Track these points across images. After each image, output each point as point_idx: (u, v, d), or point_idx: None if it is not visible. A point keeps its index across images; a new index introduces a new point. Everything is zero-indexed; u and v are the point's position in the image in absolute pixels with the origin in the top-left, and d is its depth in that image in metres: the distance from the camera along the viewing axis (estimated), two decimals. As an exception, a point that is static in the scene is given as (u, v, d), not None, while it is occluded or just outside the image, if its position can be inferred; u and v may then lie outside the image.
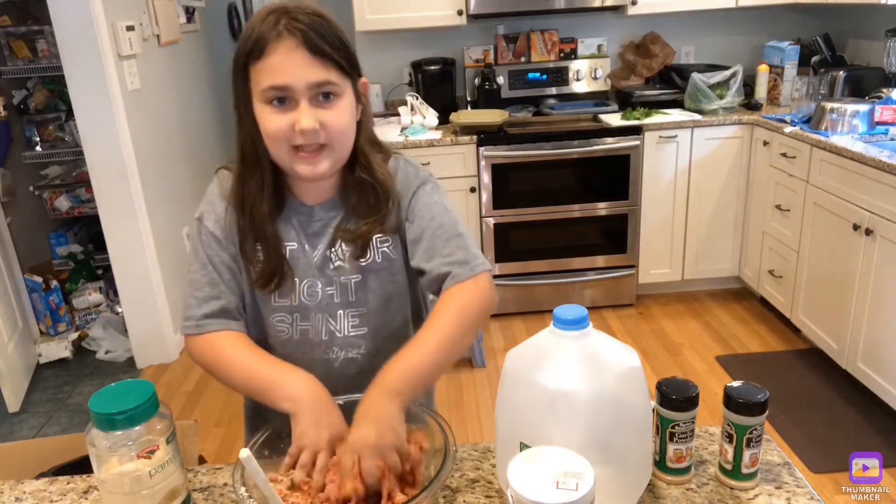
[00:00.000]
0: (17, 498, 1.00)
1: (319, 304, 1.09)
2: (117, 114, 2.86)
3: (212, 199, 1.10)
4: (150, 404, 0.84)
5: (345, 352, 1.12)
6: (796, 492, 0.89)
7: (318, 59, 0.95)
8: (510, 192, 3.29)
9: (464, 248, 1.05)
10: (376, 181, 1.06)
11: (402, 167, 1.11)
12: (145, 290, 3.10)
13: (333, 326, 1.11)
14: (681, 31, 3.72)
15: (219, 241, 1.08)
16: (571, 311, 0.83)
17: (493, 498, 0.92)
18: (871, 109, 2.76)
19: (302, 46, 0.94)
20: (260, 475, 0.81)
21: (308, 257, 1.08)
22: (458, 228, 1.08)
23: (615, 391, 0.82)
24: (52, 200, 3.49)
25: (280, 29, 0.94)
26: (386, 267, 1.10)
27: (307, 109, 0.95)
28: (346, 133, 1.01)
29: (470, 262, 1.04)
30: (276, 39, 0.93)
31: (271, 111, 0.97)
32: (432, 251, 1.05)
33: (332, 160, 1.01)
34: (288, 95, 0.95)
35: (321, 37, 0.95)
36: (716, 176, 3.32)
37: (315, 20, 0.95)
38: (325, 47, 0.95)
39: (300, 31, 0.94)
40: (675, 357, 3.03)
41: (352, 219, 1.08)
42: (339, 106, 0.98)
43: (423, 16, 3.35)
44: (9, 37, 3.21)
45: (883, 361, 2.42)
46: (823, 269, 2.77)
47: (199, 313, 1.05)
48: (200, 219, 1.10)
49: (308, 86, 0.95)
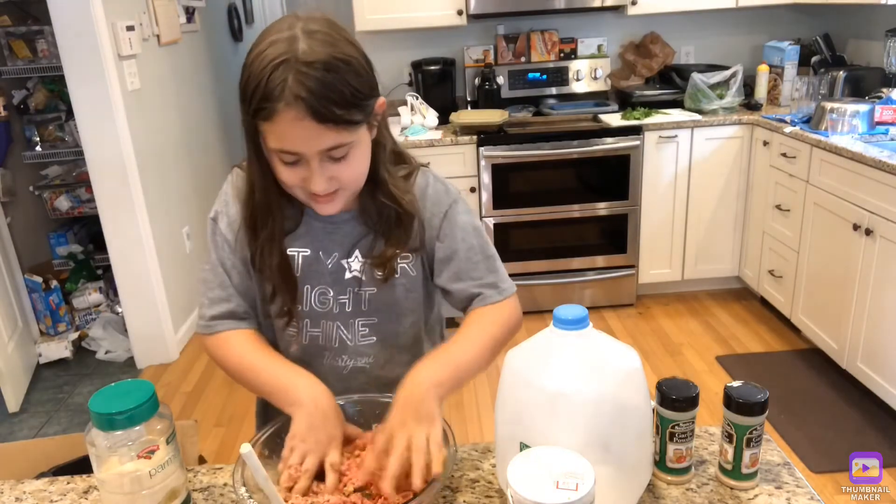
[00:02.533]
0: (17, 498, 1.00)
1: (331, 311, 1.09)
2: (117, 114, 2.86)
3: (226, 199, 1.08)
4: (150, 404, 0.84)
5: (354, 360, 1.12)
6: (796, 492, 0.89)
7: (327, 127, 0.88)
8: (510, 192, 3.29)
9: (494, 272, 1.08)
10: (398, 205, 1.03)
11: (432, 184, 1.09)
12: (145, 290, 3.11)
13: (345, 335, 1.10)
14: (681, 31, 3.72)
15: (230, 244, 1.07)
16: (571, 311, 0.83)
17: (493, 498, 0.92)
18: (871, 109, 2.76)
19: (308, 116, 0.86)
20: (260, 472, 0.81)
21: (321, 265, 1.07)
22: (487, 250, 1.09)
23: (615, 391, 0.82)
24: (52, 200, 3.49)
25: (286, 95, 0.85)
26: (403, 283, 1.09)
27: (319, 171, 0.92)
28: (361, 175, 0.99)
29: (500, 286, 1.07)
30: (282, 109, 0.86)
31: (283, 165, 0.93)
32: (463, 273, 1.07)
33: (347, 197, 1.00)
34: (299, 158, 0.92)
35: (330, 101, 0.86)
36: (716, 176, 3.32)
37: (325, 79, 0.86)
38: (335, 112, 0.87)
39: (306, 99, 0.85)
40: (675, 357, 3.03)
41: (376, 240, 1.06)
42: (353, 157, 0.94)
43: (423, 16, 3.35)
44: (9, 37, 3.21)
45: (883, 361, 2.42)
46: (823, 269, 2.77)
47: (209, 314, 1.06)
48: (215, 219, 1.08)
49: (318, 152, 0.90)
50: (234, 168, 1.10)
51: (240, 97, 0.92)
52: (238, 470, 0.85)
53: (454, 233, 1.07)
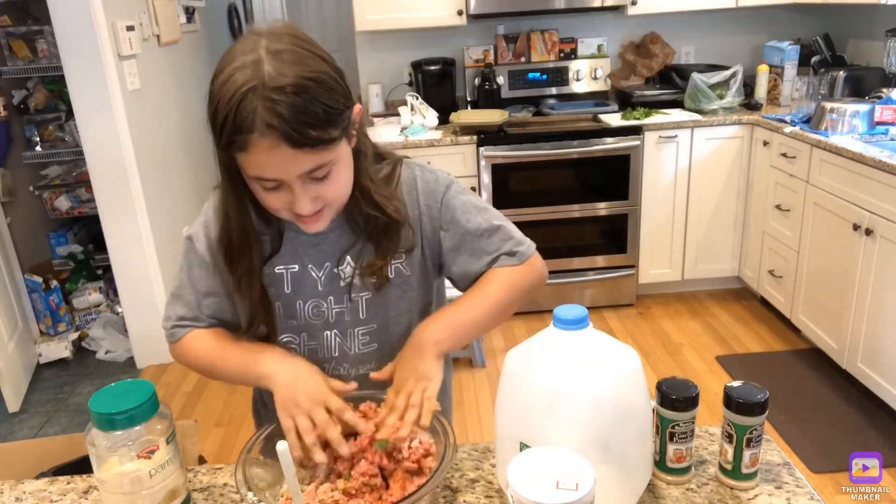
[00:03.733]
0: (17, 498, 1.00)
1: (327, 322, 1.07)
2: (117, 114, 2.86)
3: (205, 220, 1.05)
4: (150, 404, 0.84)
5: (356, 369, 1.11)
6: (796, 492, 0.89)
7: (304, 151, 0.84)
8: (510, 192, 3.29)
9: (507, 239, 1.08)
10: (385, 214, 1.01)
11: (420, 176, 1.07)
12: (145, 290, 3.11)
13: (344, 344, 1.09)
14: (681, 31, 3.72)
15: (207, 266, 1.05)
16: (571, 311, 0.83)
17: (493, 498, 0.92)
18: (871, 109, 2.76)
19: (284, 143, 0.82)
20: (291, 470, 0.80)
21: (312, 278, 1.05)
22: (493, 221, 1.08)
23: (615, 391, 0.82)
24: (52, 200, 3.49)
25: (258, 124, 0.81)
26: (399, 283, 1.08)
27: (302, 193, 0.89)
28: (346, 191, 0.97)
29: (515, 250, 1.08)
30: (255, 139, 0.82)
31: (266, 192, 0.91)
32: (479, 252, 1.07)
33: (333, 213, 0.98)
34: (279, 184, 0.89)
35: (304, 125, 0.82)
36: (716, 176, 3.32)
37: (295, 103, 0.82)
38: (311, 134, 0.83)
39: (278, 127, 0.81)
40: (675, 357, 3.03)
41: (365, 246, 1.04)
42: (335, 174, 0.92)
43: (422, 16, 3.35)
44: (9, 37, 3.21)
45: (883, 361, 2.42)
46: (823, 269, 2.77)
47: (171, 324, 1.08)
48: (191, 239, 1.05)
49: (298, 176, 0.88)
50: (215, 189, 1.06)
51: (211, 127, 0.87)
52: (240, 470, 0.85)
53: (456, 217, 1.06)
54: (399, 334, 1.10)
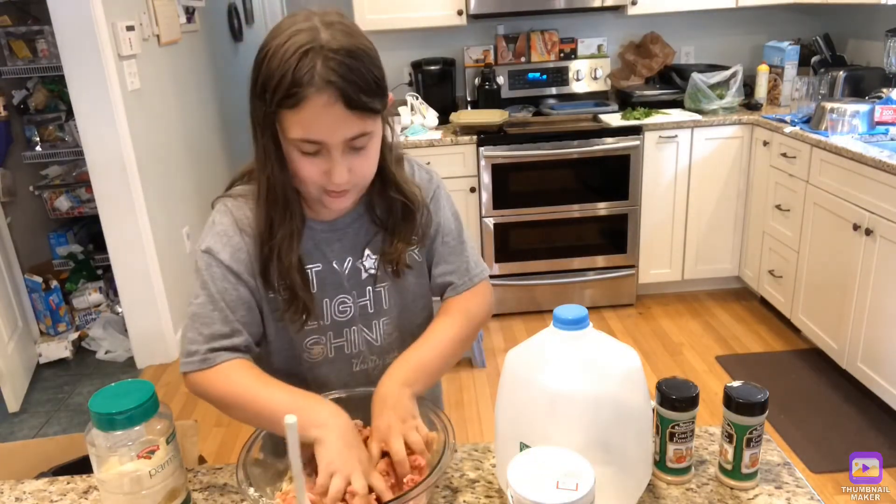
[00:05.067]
0: (17, 498, 1.00)
1: (353, 318, 1.09)
2: (117, 114, 2.86)
3: (222, 230, 1.01)
4: (150, 404, 0.84)
5: (382, 359, 1.12)
6: (796, 492, 0.89)
7: (355, 114, 0.88)
8: (510, 192, 3.29)
9: (466, 258, 1.13)
10: (405, 197, 1.05)
11: (417, 171, 1.12)
12: (145, 290, 3.10)
13: (369, 336, 1.11)
14: (681, 31, 3.72)
15: (236, 274, 1.00)
16: (571, 311, 0.83)
17: (493, 498, 0.92)
18: (871, 109, 2.76)
19: (339, 102, 0.86)
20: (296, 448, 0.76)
21: (337, 274, 1.06)
22: (462, 235, 1.14)
23: (615, 391, 0.82)
24: (52, 200, 3.49)
25: (316, 81, 0.85)
26: (413, 270, 1.12)
27: (341, 162, 0.91)
28: (374, 169, 0.99)
29: (470, 272, 1.13)
30: (312, 94, 0.85)
31: (302, 157, 0.92)
32: (440, 257, 1.12)
33: (357, 194, 1.00)
34: (321, 148, 0.91)
35: (359, 89, 0.87)
36: (716, 176, 3.32)
37: (353, 66, 0.86)
38: (363, 99, 0.88)
39: (337, 84, 0.85)
40: (675, 357, 3.03)
41: (385, 237, 1.07)
42: (371, 148, 0.95)
43: (423, 16, 3.35)
44: (9, 37, 3.21)
45: (883, 361, 2.42)
46: (823, 269, 2.77)
47: (206, 347, 0.98)
48: (209, 251, 1.00)
49: (342, 141, 0.90)
50: (219, 201, 1.05)
51: (257, 92, 0.90)
52: (241, 471, 0.85)
53: (437, 216, 1.12)
54: (417, 320, 1.15)
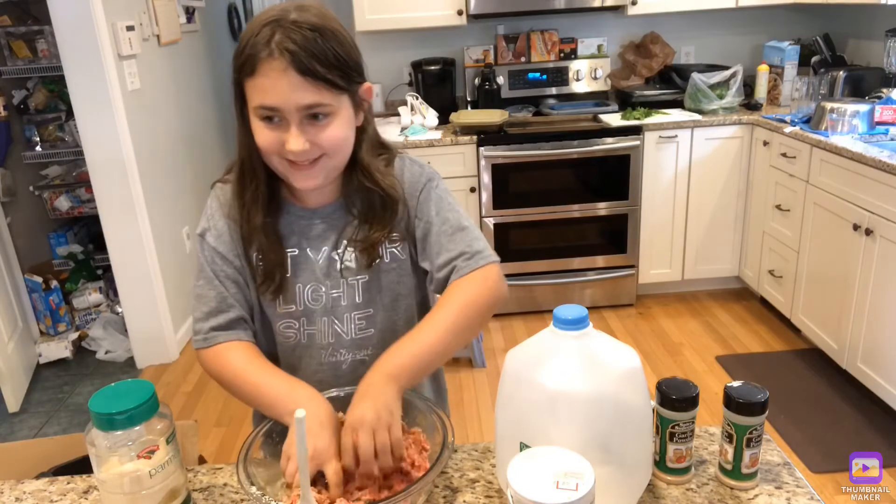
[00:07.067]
0: (17, 498, 1.00)
1: (325, 307, 1.10)
2: (117, 114, 2.86)
3: (211, 213, 1.10)
4: (150, 404, 0.84)
5: (353, 354, 1.12)
6: (796, 492, 0.89)
7: (308, 81, 0.91)
8: (510, 192, 3.29)
9: (468, 242, 1.06)
10: (381, 189, 1.05)
11: (408, 167, 1.12)
12: (145, 290, 3.11)
13: (339, 329, 1.11)
14: (681, 31, 3.72)
15: (222, 256, 1.08)
16: (571, 311, 0.83)
17: (493, 498, 0.92)
18: (871, 109, 2.76)
19: (291, 68, 0.90)
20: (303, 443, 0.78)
21: (311, 262, 1.09)
22: (462, 222, 1.09)
23: (615, 391, 0.82)
24: (52, 200, 3.49)
25: (272, 48, 0.90)
26: (394, 268, 1.11)
27: (296, 131, 0.94)
28: (342, 146, 1.00)
29: (475, 255, 1.05)
30: (266, 59, 0.91)
31: (263, 126, 0.96)
32: (438, 247, 1.07)
33: (327, 170, 1.01)
34: (278, 115, 0.94)
35: (313, 57, 0.91)
36: (716, 176, 3.32)
37: (309, 37, 0.91)
38: (317, 68, 0.91)
39: (290, 51, 0.90)
40: (675, 357, 3.03)
41: (361, 226, 1.08)
42: (333, 124, 0.96)
43: (422, 16, 3.35)
44: (9, 37, 3.21)
45: (883, 361, 2.42)
46: (823, 270, 2.77)
47: (206, 326, 1.07)
48: (203, 235, 1.10)
49: (297, 108, 0.93)
50: (216, 184, 1.12)
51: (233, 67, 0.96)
52: (241, 470, 0.85)
53: (429, 208, 1.09)
54: (401, 322, 1.14)
